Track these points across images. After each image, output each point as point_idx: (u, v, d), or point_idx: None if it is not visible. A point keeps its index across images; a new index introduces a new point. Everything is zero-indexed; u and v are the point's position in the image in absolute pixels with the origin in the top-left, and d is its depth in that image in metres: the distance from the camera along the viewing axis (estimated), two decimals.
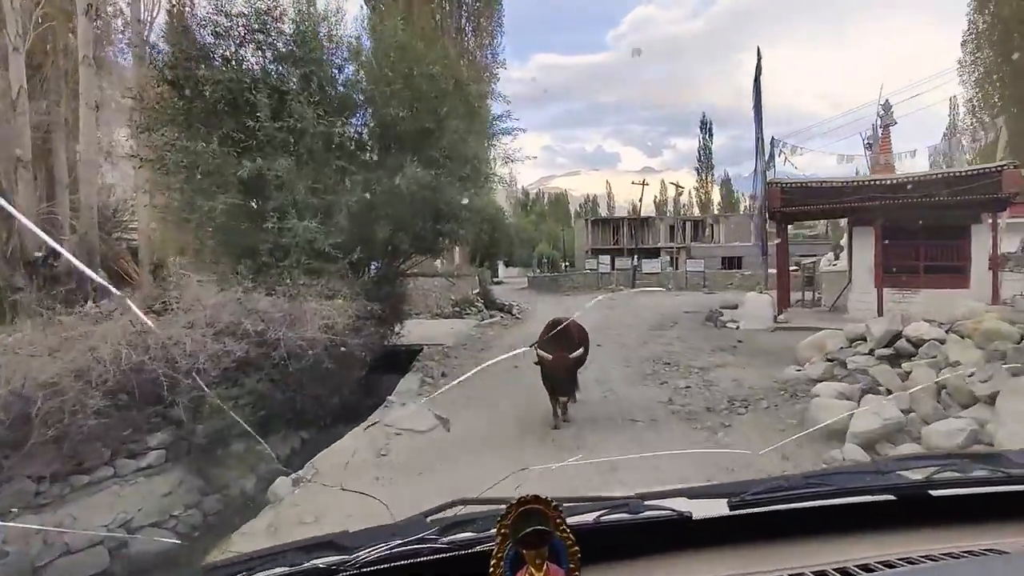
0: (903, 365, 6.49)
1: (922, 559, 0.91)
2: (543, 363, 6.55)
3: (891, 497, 1.06)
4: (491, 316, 20.82)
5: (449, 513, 1.09)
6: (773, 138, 17.17)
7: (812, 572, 0.90)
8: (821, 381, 7.28)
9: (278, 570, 0.91)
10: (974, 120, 30.96)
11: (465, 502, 1.15)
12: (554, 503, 0.80)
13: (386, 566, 0.90)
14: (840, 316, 17.05)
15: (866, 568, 0.89)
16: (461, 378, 2.51)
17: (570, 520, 0.87)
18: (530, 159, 12.94)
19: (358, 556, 0.90)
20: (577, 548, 0.81)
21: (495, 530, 0.81)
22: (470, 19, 29.17)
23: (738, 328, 15.87)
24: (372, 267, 11.69)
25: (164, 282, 10.08)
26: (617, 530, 0.99)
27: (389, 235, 10.06)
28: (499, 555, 0.79)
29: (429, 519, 1.04)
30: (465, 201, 10.60)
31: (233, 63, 9.48)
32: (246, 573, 0.93)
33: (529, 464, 2.01)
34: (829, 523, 1.04)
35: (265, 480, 6.50)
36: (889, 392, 5.95)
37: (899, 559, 0.92)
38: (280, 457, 7.10)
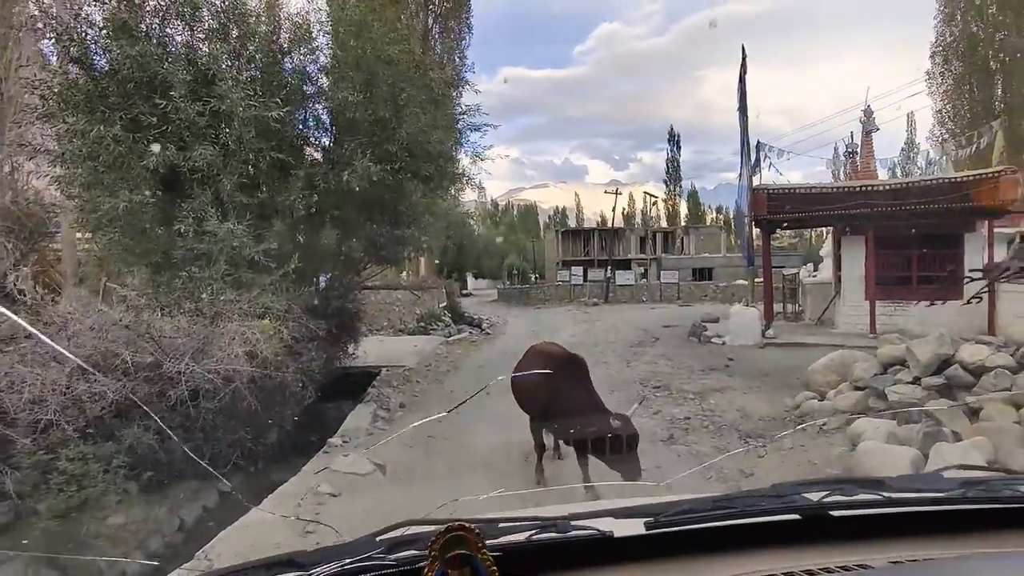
0: (966, 399, 5.32)
1: (803, 574, 1.00)
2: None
3: (795, 516, 1.16)
4: (459, 331, 19.37)
5: (397, 533, 1.13)
6: (759, 142, 16.22)
7: None
8: (854, 415, 6.07)
9: None
10: (944, 131, 30.92)
11: (411, 523, 1.19)
12: (476, 529, 0.86)
13: None
14: (828, 330, 16.16)
15: None
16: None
17: (503, 539, 1.02)
18: (503, 157, 11.51)
19: (313, 572, 0.97)
20: (496, 568, 0.85)
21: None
22: (437, 20, 27.91)
23: (724, 344, 14.77)
24: (320, 279, 10.18)
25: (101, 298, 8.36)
26: (546, 548, 1.06)
27: (338, 241, 8.57)
28: (429, 574, 0.84)
29: (378, 539, 1.11)
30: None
31: (152, 37, 7.92)
32: None
33: None
34: (734, 541, 1.12)
35: (159, 557, 4.96)
36: (956, 436, 4.74)
37: (784, 573, 1.00)
38: (184, 523, 5.55)
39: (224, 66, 7.93)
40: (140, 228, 7.59)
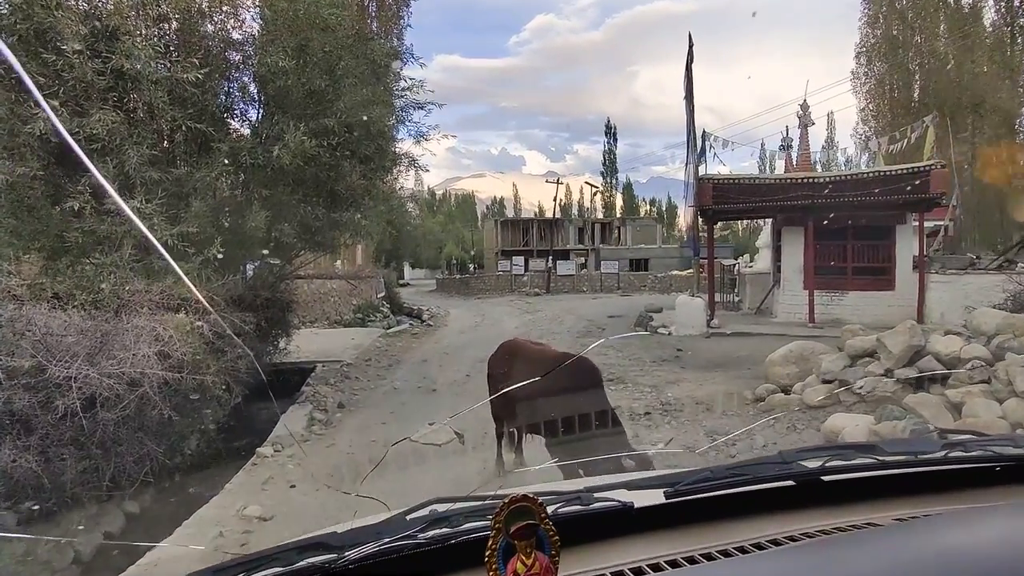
0: (947, 392, 5.14)
1: (817, 533, 1.09)
2: None
3: (791, 483, 1.24)
4: (399, 323, 18.55)
5: (426, 511, 1.14)
6: (704, 131, 16.17)
7: (734, 547, 1.03)
8: (824, 408, 5.83)
9: (275, 569, 0.97)
10: (867, 129, 32.29)
11: (438, 501, 1.19)
12: (539, 500, 0.85)
13: (372, 562, 0.97)
14: (769, 319, 16.40)
15: (775, 542, 1.05)
16: None
17: None
18: (450, 136, 10.78)
19: (347, 554, 0.97)
20: (558, 538, 0.85)
21: (489, 522, 0.85)
22: None
23: (670, 334, 14.68)
24: (248, 267, 9.21)
25: None
26: (572, 520, 1.08)
27: (267, 225, 7.68)
28: (493, 547, 0.82)
29: (408, 518, 1.11)
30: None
31: None
32: (245, 574, 0.98)
33: None
34: (746, 506, 1.19)
35: None
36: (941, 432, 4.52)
37: (801, 534, 1.08)
38: (80, 555, 4.67)
39: (131, 23, 6.88)
40: (28, 206, 6.47)
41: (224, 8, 7.93)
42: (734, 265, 22.54)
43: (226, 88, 8.34)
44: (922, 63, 30.01)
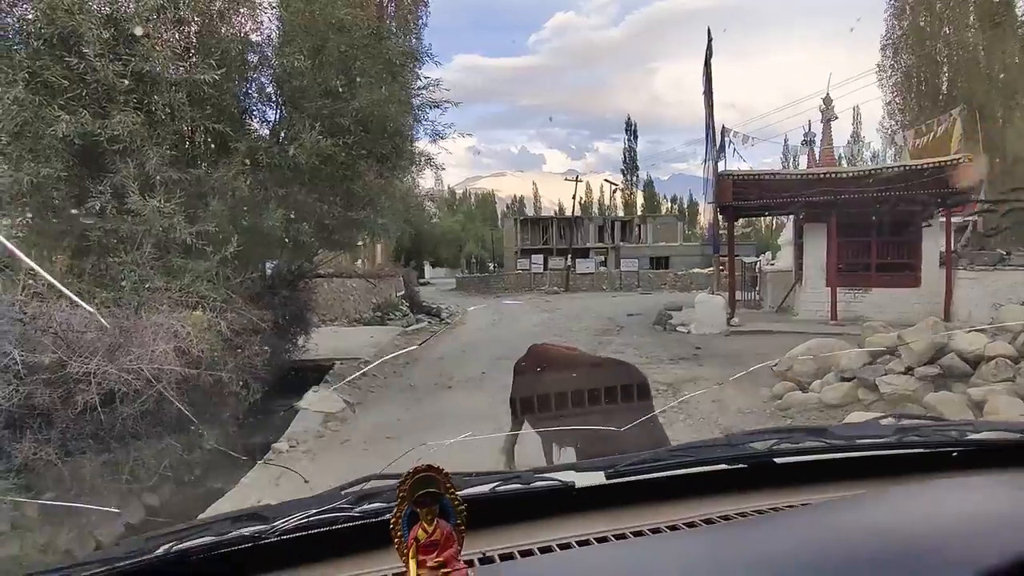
0: (969, 391, 5.01)
1: (752, 513, 1.11)
2: None
3: (743, 465, 1.26)
4: (418, 321, 18.65)
5: (362, 487, 1.16)
6: (724, 127, 15.98)
7: (666, 526, 1.06)
8: (843, 407, 5.72)
9: (207, 538, 0.99)
10: (893, 123, 31.59)
11: (376, 477, 1.23)
12: (444, 471, 0.86)
13: (303, 533, 0.99)
14: (790, 318, 16.18)
15: (708, 521, 1.08)
16: None
17: (470, 491, 1.04)
18: (466, 136, 10.75)
19: (277, 525, 0.99)
20: (464, 507, 0.87)
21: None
22: None
23: (689, 332, 14.55)
24: (267, 266, 9.34)
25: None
26: (511, 499, 1.11)
27: (285, 224, 7.78)
28: (398, 515, 0.86)
29: (343, 492, 1.13)
30: None
31: None
32: (178, 541, 0.99)
33: None
34: (691, 488, 1.21)
35: None
36: None
37: (736, 513, 1.10)
38: (101, 545, 4.77)
39: (150, 26, 7.02)
40: (53, 206, 6.65)
41: (242, 10, 8.04)
42: (755, 262, 22.22)
43: (244, 89, 8.46)
44: (950, 55, 29.24)
